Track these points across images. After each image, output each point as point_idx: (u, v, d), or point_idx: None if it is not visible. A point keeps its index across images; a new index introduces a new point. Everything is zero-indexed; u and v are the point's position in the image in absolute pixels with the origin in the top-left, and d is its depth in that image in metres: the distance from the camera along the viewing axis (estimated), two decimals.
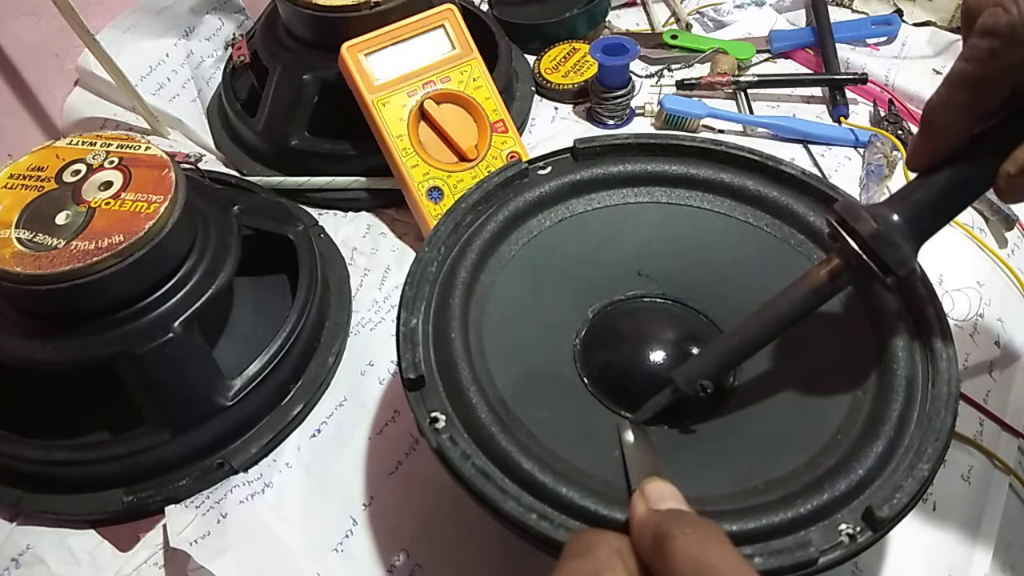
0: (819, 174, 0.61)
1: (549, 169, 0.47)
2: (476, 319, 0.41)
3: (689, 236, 0.47)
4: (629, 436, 0.38)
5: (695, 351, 0.43)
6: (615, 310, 0.46)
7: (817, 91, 0.73)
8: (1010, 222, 0.60)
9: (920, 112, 0.69)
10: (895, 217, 0.34)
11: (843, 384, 0.39)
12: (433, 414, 0.37)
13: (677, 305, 0.46)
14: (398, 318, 0.40)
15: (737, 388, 0.42)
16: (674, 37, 0.76)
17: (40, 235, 0.45)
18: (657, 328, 0.45)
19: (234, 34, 0.77)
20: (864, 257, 0.34)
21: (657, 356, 0.43)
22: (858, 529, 0.33)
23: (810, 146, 0.68)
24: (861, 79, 0.69)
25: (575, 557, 0.28)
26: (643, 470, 0.34)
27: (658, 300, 0.46)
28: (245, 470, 0.49)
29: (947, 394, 0.37)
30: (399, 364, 0.39)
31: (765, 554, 0.31)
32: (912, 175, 0.36)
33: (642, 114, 0.71)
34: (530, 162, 0.47)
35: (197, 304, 0.48)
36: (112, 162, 0.49)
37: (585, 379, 0.43)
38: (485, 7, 0.80)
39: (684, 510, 0.30)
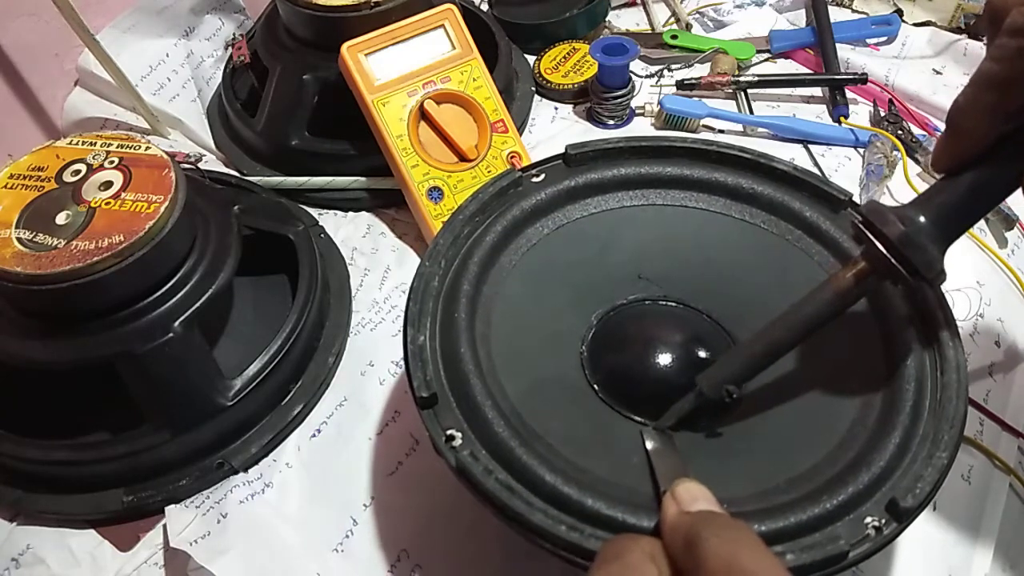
0: (819, 173, 0.61)
1: (543, 176, 0.47)
2: (482, 332, 0.41)
3: (687, 237, 0.47)
4: (654, 442, 0.38)
5: (702, 353, 0.43)
6: (618, 315, 0.46)
7: (817, 91, 0.73)
8: (1010, 222, 0.60)
9: (920, 112, 0.69)
10: (922, 219, 0.34)
11: (854, 378, 0.39)
12: (449, 432, 0.36)
13: (680, 307, 0.46)
14: (404, 335, 0.40)
15: (749, 389, 0.42)
16: (674, 37, 0.76)
17: (40, 235, 0.45)
18: (662, 331, 0.44)
19: (234, 34, 0.77)
20: (892, 260, 0.34)
21: (664, 359, 0.43)
22: (883, 521, 0.33)
23: (810, 146, 0.68)
24: (861, 79, 0.69)
25: (607, 563, 0.27)
26: (672, 474, 0.34)
27: (660, 303, 0.46)
28: (245, 470, 0.49)
29: (957, 381, 0.37)
30: (410, 383, 0.38)
31: (796, 551, 0.32)
32: (938, 176, 0.36)
33: (642, 114, 0.71)
34: (523, 170, 0.47)
35: (197, 304, 0.48)
36: (112, 162, 0.49)
37: (595, 386, 0.42)
38: (485, 7, 0.80)
39: (716, 511, 0.30)
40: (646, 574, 0.27)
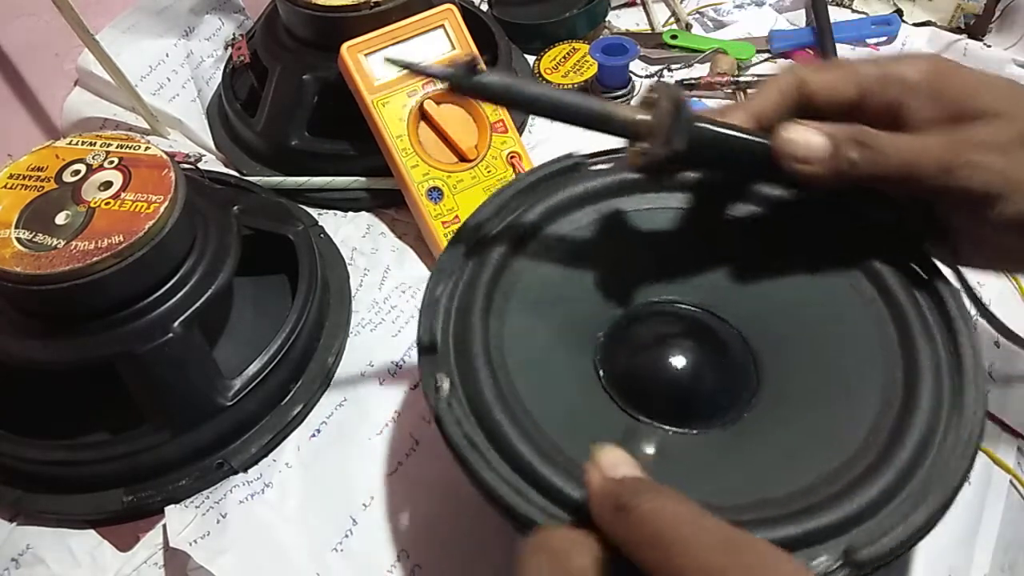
0: None
1: (607, 166, 0.47)
2: (500, 302, 0.42)
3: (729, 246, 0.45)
4: (631, 431, 0.38)
5: (712, 360, 0.42)
6: (646, 312, 0.45)
7: None
8: None
9: None
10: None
11: (867, 401, 0.38)
12: (439, 379, 0.38)
13: (704, 312, 0.45)
14: (427, 285, 0.41)
15: (761, 394, 0.41)
16: (674, 37, 0.76)
17: (40, 235, 0.45)
18: (682, 335, 0.44)
19: (234, 34, 0.77)
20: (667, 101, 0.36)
21: (678, 362, 0.42)
22: (838, 563, 0.32)
23: None
24: None
25: (533, 554, 0.27)
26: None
27: (692, 308, 0.45)
28: (245, 470, 0.49)
29: (966, 439, 0.35)
30: (418, 329, 0.40)
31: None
32: None
33: None
34: (588, 156, 0.47)
35: (197, 304, 0.48)
36: (112, 162, 0.49)
37: (601, 372, 0.42)
38: (485, 7, 0.80)
39: (640, 477, 0.28)
40: (574, 555, 0.26)
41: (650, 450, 0.34)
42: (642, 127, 0.37)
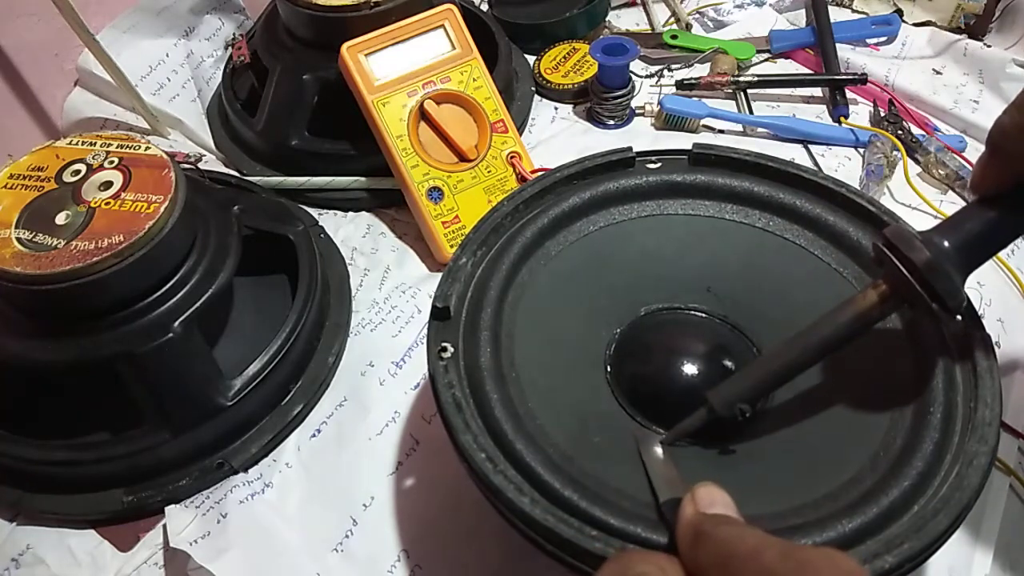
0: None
1: (659, 164, 0.47)
2: (523, 280, 0.42)
3: (772, 266, 0.45)
4: (657, 451, 0.37)
5: (723, 364, 0.42)
6: (668, 317, 0.45)
7: (817, 91, 0.73)
8: None
9: (920, 112, 0.69)
10: (946, 245, 0.33)
11: (878, 412, 0.38)
12: (444, 344, 0.39)
13: (732, 329, 0.44)
14: (454, 254, 0.42)
15: (768, 408, 0.41)
16: (674, 37, 0.76)
17: (40, 235, 0.45)
18: (699, 343, 0.43)
19: (234, 34, 0.77)
20: (915, 286, 0.33)
21: (690, 369, 0.42)
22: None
23: (810, 146, 0.68)
24: (861, 79, 0.69)
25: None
26: (670, 482, 0.34)
27: (716, 318, 0.45)
28: (245, 470, 0.50)
29: (986, 453, 0.35)
30: (434, 293, 0.41)
31: None
32: (972, 197, 0.35)
33: (642, 114, 0.71)
34: (640, 154, 0.47)
35: (197, 304, 0.48)
36: (112, 162, 0.49)
37: (608, 367, 0.42)
38: (485, 7, 0.80)
39: (728, 515, 0.29)
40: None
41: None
42: (887, 294, 0.35)
